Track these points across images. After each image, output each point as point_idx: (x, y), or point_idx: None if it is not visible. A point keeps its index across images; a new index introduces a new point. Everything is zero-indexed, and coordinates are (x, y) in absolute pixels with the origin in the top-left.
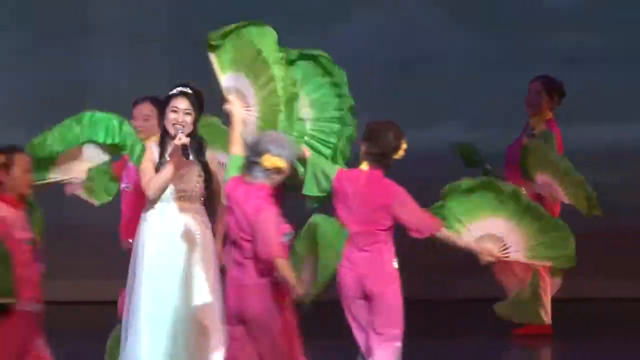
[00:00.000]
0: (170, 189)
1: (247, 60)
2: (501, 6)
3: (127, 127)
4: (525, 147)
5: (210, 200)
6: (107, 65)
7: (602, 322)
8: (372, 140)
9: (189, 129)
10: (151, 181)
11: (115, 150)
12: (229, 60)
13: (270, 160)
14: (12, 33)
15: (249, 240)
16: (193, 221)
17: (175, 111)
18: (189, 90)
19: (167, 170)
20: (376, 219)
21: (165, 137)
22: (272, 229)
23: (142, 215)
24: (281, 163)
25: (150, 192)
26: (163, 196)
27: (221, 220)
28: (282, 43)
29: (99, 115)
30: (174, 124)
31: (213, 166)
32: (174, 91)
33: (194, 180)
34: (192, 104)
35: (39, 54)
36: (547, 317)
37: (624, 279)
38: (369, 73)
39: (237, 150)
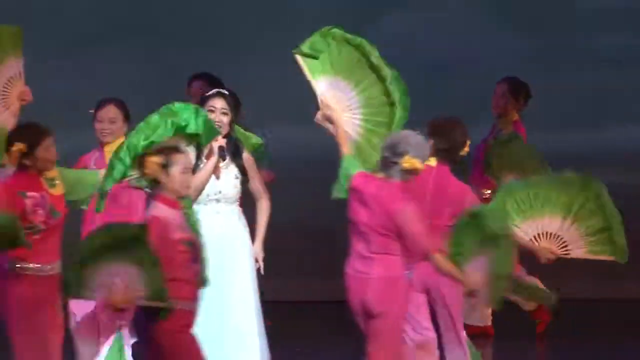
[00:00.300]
0: (207, 191)
1: (345, 63)
2: (535, 6)
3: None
4: (493, 147)
5: (248, 201)
6: None
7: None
8: (439, 136)
9: (225, 129)
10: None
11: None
12: (322, 64)
13: (410, 162)
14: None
15: (383, 235)
16: (230, 223)
17: (212, 111)
18: (225, 91)
19: (204, 172)
20: (444, 213)
21: None
22: (419, 225)
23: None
24: (419, 165)
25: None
26: (200, 198)
27: (263, 221)
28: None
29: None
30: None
31: (250, 167)
32: (211, 91)
33: (231, 181)
34: (229, 104)
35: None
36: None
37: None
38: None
39: (348, 149)
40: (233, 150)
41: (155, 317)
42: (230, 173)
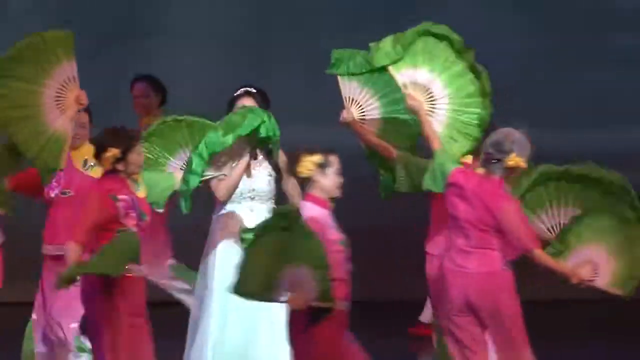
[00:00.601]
0: (241, 189)
1: (429, 53)
2: (567, 5)
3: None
4: None
5: (282, 199)
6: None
7: None
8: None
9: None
10: (221, 182)
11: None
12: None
13: (515, 160)
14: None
15: (483, 230)
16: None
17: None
18: (253, 90)
19: (236, 171)
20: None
21: None
22: (521, 222)
23: (213, 216)
24: (523, 163)
25: (220, 193)
26: (233, 197)
27: None
28: (343, 40)
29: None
30: None
31: (283, 165)
32: (239, 92)
33: (265, 180)
34: (258, 102)
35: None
36: None
37: None
38: None
39: (439, 144)
40: (266, 148)
41: (318, 317)
42: (263, 171)
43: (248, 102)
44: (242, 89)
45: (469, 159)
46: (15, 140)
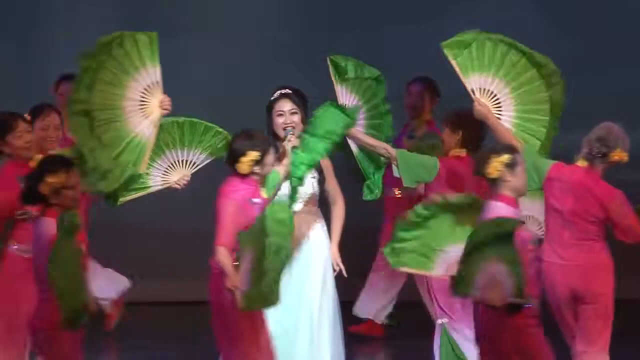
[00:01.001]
0: (284, 191)
1: (499, 60)
2: (597, 8)
3: None
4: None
5: (325, 200)
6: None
7: None
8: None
9: (299, 128)
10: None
11: None
12: (473, 61)
13: (619, 155)
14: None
15: (591, 222)
16: (308, 223)
17: (281, 114)
18: (289, 91)
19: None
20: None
21: (275, 141)
22: (631, 214)
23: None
24: (626, 158)
25: (263, 195)
26: (277, 198)
27: (338, 224)
28: (378, 41)
29: None
30: (283, 128)
31: (326, 168)
32: (275, 95)
33: (308, 181)
34: (296, 103)
35: None
36: None
37: None
38: None
39: (518, 142)
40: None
41: (510, 314)
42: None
43: (286, 105)
44: (278, 92)
45: (462, 152)
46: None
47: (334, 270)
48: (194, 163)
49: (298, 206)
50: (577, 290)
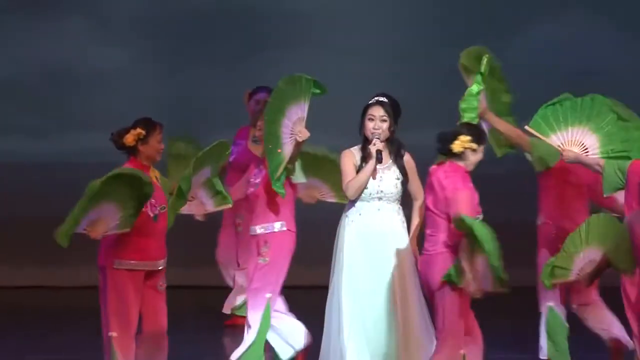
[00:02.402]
0: (370, 190)
1: (586, 114)
2: None
3: None
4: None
5: (408, 199)
6: None
7: None
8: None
9: (385, 134)
10: (350, 182)
11: None
12: (556, 122)
13: None
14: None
15: None
16: (390, 220)
17: (371, 119)
18: (384, 99)
19: (363, 174)
20: None
21: (365, 143)
22: None
23: (344, 213)
24: None
25: (349, 192)
26: (363, 196)
27: (416, 221)
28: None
29: None
30: (371, 132)
31: (410, 169)
32: (371, 100)
33: (392, 181)
34: (387, 111)
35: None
36: None
37: None
38: (542, 84)
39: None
40: (395, 153)
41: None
42: (392, 174)
43: (378, 111)
44: (374, 98)
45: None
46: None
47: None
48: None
49: (382, 204)
50: None
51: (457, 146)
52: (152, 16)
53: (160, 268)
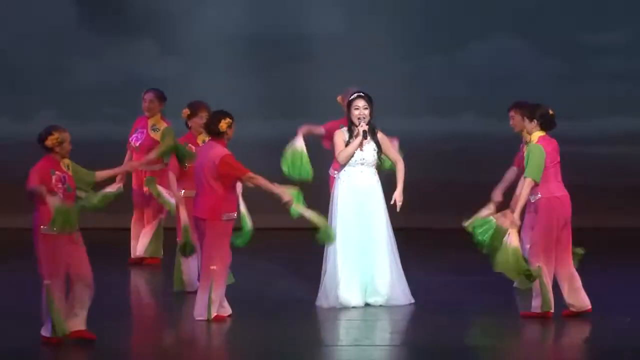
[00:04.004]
0: (355, 158)
1: None
2: None
3: None
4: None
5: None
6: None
7: None
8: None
9: (367, 119)
10: (342, 153)
11: None
12: None
13: None
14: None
15: None
16: (371, 179)
17: (357, 108)
18: (363, 93)
19: (352, 146)
20: None
21: (351, 126)
22: None
23: (337, 176)
24: None
25: (340, 159)
26: (350, 162)
27: (401, 176)
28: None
29: None
30: (358, 118)
31: (384, 142)
32: (353, 95)
33: (371, 152)
34: (367, 102)
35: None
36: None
37: None
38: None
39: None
40: (372, 131)
41: None
42: (370, 147)
43: (361, 102)
44: (356, 93)
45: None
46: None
47: (393, 203)
48: None
49: (363, 168)
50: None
51: None
52: (201, 38)
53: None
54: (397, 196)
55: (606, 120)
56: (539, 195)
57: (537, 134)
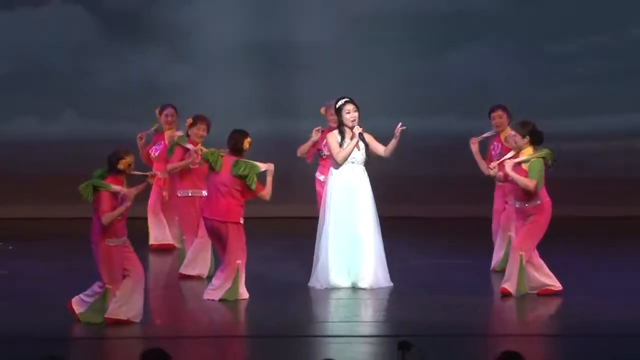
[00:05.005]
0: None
1: None
2: None
3: None
4: None
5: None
6: None
7: None
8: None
9: (357, 121)
10: (340, 153)
11: None
12: None
13: None
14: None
15: None
16: (360, 175)
17: (348, 112)
18: (349, 98)
19: (349, 147)
20: None
21: (342, 128)
22: None
23: (330, 172)
24: None
25: (339, 159)
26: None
27: (390, 145)
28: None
29: None
30: (351, 120)
31: (370, 141)
32: (342, 102)
33: (361, 151)
34: (356, 106)
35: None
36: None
37: None
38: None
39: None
40: (360, 134)
41: None
42: (360, 146)
43: (351, 106)
44: (344, 99)
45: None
46: None
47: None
48: None
49: (354, 166)
50: None
51: None
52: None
53: None
54: (397, 133)
55: (560, 119)
56: (539, 202)
57: (528, 149)
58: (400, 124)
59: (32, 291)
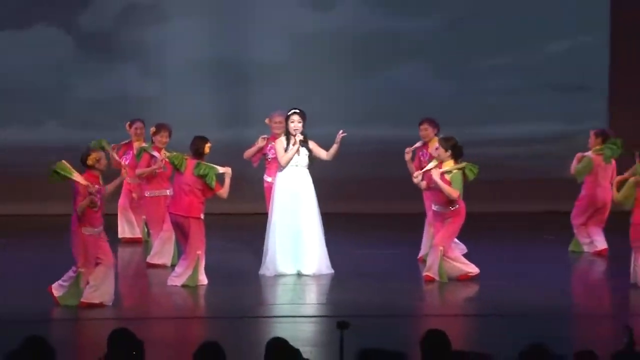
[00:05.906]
0: (292, 160)
1: None
2: None
3: None
4: None
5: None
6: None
7: None
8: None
9: (300, 130)
10: (283, 158)
11: None
12: None
13: None
14: None
15: None
16: (304, 177)
17: (293, 122)
18: (298, 110)
19: (291, 152)
20: None
21: (289, 135)
22: None
23: (278, 174)
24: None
25: (283, 163)
26: (289, 165)
27: (330, 150)
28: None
29: None
30: (294, 129)
31: (314, 147)
32: (290, 112)
33: (304, 156)
34: (301, 117)
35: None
36: None
37: None
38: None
39: None
40: (304, 140)
41: None
42: (303, 151)
43: (297, 117)
44: (293, 110)
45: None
46: None
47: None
48: None
49: (298, 169)
50: None
51: None
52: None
53: None
54: (338, 138)
55: (485, 127)
56: (457, 206)
57: (449, 162)
58: (342, 130)
59: (16, 278)
